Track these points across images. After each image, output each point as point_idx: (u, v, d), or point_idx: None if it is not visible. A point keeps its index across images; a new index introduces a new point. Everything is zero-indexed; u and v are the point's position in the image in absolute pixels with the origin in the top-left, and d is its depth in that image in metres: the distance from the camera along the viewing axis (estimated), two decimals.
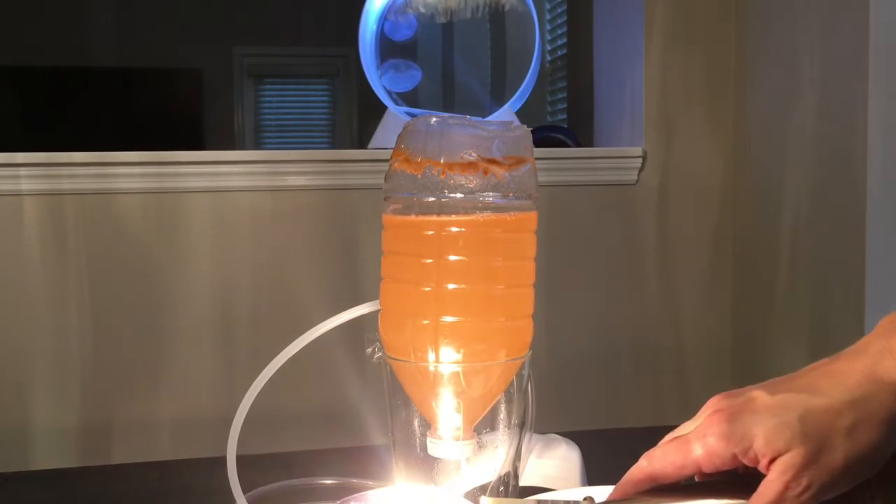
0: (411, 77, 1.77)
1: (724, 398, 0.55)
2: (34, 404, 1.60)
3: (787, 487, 0.50)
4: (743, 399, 0.54)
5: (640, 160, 1.81)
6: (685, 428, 0.56)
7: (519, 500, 0.60)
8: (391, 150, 0.67)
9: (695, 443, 0.53)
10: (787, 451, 0.50)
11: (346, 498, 0.61)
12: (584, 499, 0.59)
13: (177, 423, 1.64)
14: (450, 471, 0.67)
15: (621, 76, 1.93)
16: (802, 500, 0.50)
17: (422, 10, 1.78)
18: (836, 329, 1.52)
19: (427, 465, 0.67)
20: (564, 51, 2.93)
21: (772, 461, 0.51)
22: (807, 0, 1.59)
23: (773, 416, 0.51)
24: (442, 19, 1.80)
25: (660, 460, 0.55)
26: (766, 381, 0.55)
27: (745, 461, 0.52)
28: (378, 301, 0.69)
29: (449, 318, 0.63)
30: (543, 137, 2.00)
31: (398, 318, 0.66)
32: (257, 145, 5.43)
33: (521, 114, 1.88)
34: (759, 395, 0.53)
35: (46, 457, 1.59)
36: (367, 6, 1.78)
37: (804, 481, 0.50)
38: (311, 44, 5.26)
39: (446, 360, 0.64)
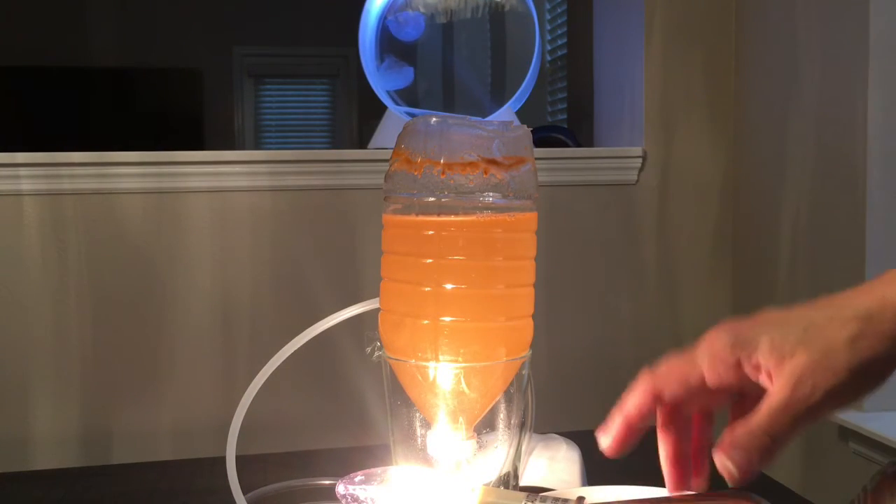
0: (403, 74, 1.77)
1: (724, 324, 0.56)
2: (34, 404, 1.60)
3: (794, 389, 0.50)
4: (744, 319, 0.55)
5: (640, 160, 1.81)
6: None
7: (510, 492, 0.60)
8: (391, 150, 0.67)
9: (699, 352, 0.54)
10: (791, 357, 0.51)
11: (352, 474, 0.62)
12: (577, 498, 0.59)
13: (177, 423, 1.64)
14: (450, 470, 0.67)
15: (621, 76, 1.93)
16: (810, 403, 0.50)
17: (422, 9, 1.78)
18: None
19: (427, 464, 0.67)
20: (564, 51, 2.93)
21: (775, 370, 0.51)
22: (807, 0, 1.59)
23: (778, 328, 0.52)
24: (442, 19, 1.80)
25: (664, 372, 0.55)
26: (768, 309, 0.56)
27: (748, 369, 0.52)
28: (376, 299, 0.69)
29: (449, 318, 0.63)
30: (543, 137, 2.00)
31: (398, 318, 0.66)
32: (257, 145, 5.43)
33: (521, 114, 1.88)
34: (763, 314, 0.54)
35: (46, 457, 1.59)
36: (367, 6, 1.78)
37: (810, 383, 0.50)
38: (311, 44, 5.26)
39: (446, 360, 0.64)
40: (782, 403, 0.51)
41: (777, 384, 0.51)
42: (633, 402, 0.57)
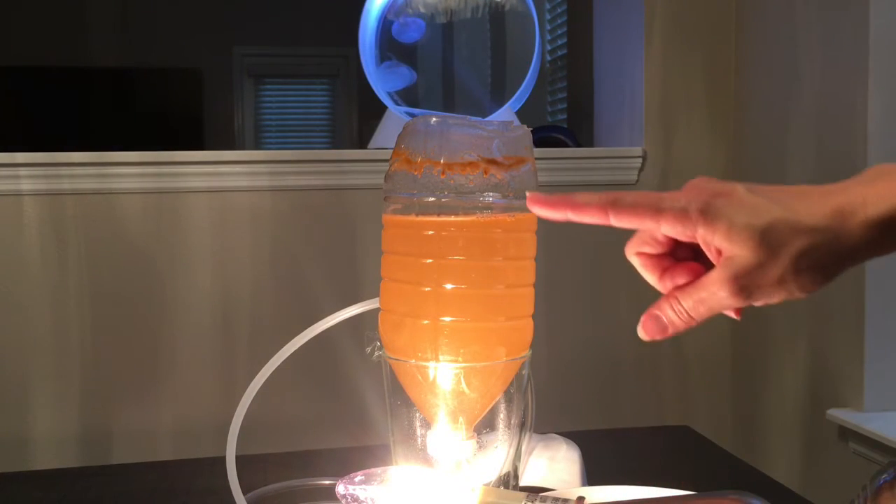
0: (403, 74, 1.77)
1: (706, 180, 0.58)
2: (34, 404, 1.60)
3: (727, 283, 0.55)
4: (722, 187, 0.57)
5: (640, 160, 1.81)
6: None
7: (510, 492, 0.60)
8: (391, 150, 0.67)
9: (666, 203, 0.56)
10: (740, 251, 0.54)
11: (352, 474, 0.62)
12: (577, 499, 0.59)
13: (177, 423, 1.64)
14: (450, 470, 0.67)
15: (621, 76, 1.93)
16: (736, 298, 0.55)
17: (422, 10, 1.78)
18: (835, 329, 1.52)
19: (427, 464, 0.67)
20: (564, 51, 2.93)
21: (721, 256, 0.55)
22: (807, 1, 1.59)
23: (744, 215, 0.55)
24: (442, 19, 1.80)
25: (625, 203, 0.57)
26: (746, 183, 0.58)
27: (702, 240, 0.56)
28: (376, 299, 0.69)
29: (449, 318, 0.63)
30: (543, 137, 2.00)
31: (398, 318, 0.66)
32: (257, 145, 5.43)
33: (521, 114, 1.88)
34: (738, 189, 0.56)
35: (46, 457, 1.60)
36: (367, 6, 1.78)
37: (742, 282, 0.54)
38: (311, 44, 5.26)
39: (446, 360, 0.64)
40: (712, 294, 0.55)
41: (716, 272, 0.55)
42: (583, 207, 0.58)
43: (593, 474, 0.88)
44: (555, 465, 0.86)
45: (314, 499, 0.89)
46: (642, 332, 0.60)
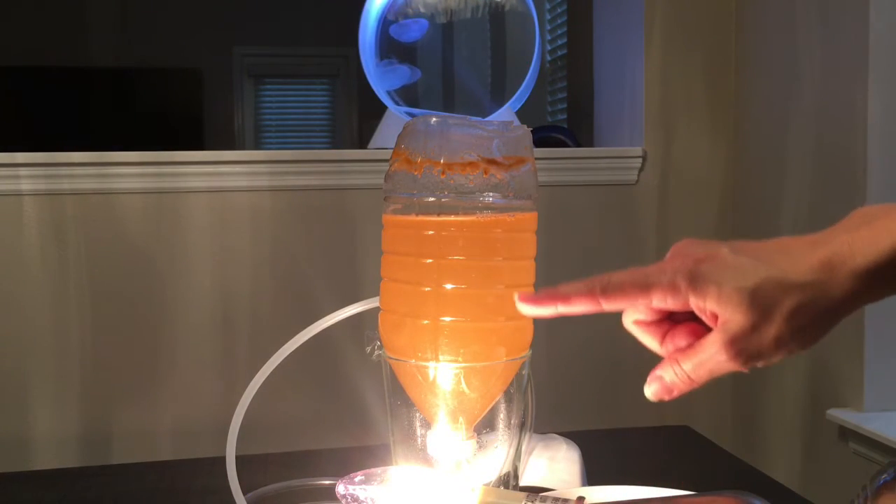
0: (401, 73, 1.77)
1: (689, 244, 0.58)
2: (34, 404, 1.60)
3: (724, 347, 0.54)
4: (706, 251, 0.56)
5: (640, 160, 1.81)
6: None
7: (510, 492, 0.60)
8: (391, 150, 0.67)
9: (654, 278, 0.56)
10: (731, 316, 0.54)
11: (352, 474, 0.62)
12: (577, 499, 0.59)
13: (177, 423, 1.64)
14: (450, 470, 0.67)
15: (621, 76, 1.93)
16: (735, 362, 0.55)
17: (422, 10, 1.78)
18: (835, 329, 1.52)
19: (427, 464, 0.67)
20: (564, 51, 2.93)
21: (716, 321, 0.55)
22: (807, 0, 1.59)
23: (731, 278, 0.54)
24: (442, 19, 1.80)
25: (614, 286, 0.57)
26: (730, 241, 0.58)
27: (695, 307, 0.56)
28: (375, 298, 0.69)
29: (449, 318, 0.63)
30: (543, 137, 2.00)
31: (398, 318, 0.66)
32: (257, 145, 5.43)
33: (521, 114, 1.88)
34: (722, 251, 0.56)
35: (46, 457, 1.59)
36: (367, 6, 1.78)
37: (739, 346, 0.54)
38: (311, 44, 5.26)
39: (446, 360, 0.64)
40: (711, 357, 0.55)
41: (713, 336, 0.55)
42: (573, 300, 0.59)
43: (593, 474, 0.88)
44: (555, 465, 0.86)
45: (314, 499, 0.89)
46: (649, 394, 0.60)
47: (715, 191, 1.85)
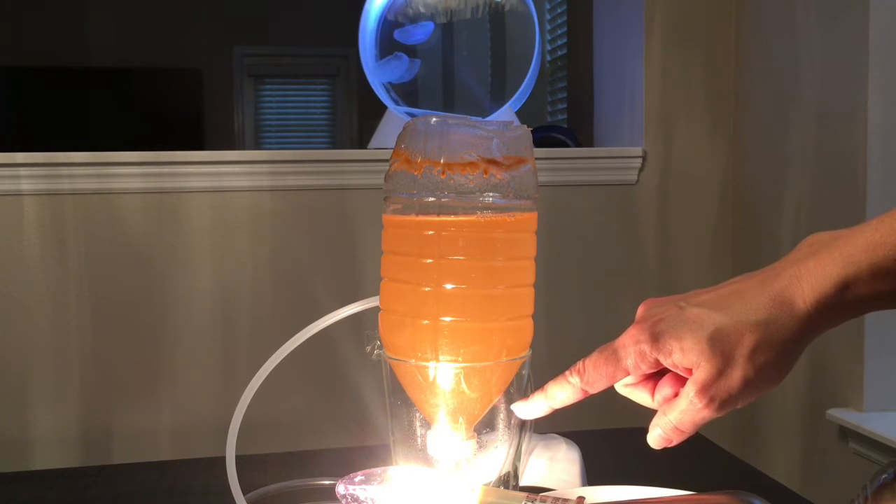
0: (400, 65, 1.76)
1: (649, 307, 0.62)
2: (34, 404, 1.60)
3: (696, 395, 0.57)
4: (663, 310, 0.60)
5: (640, 160, 1.81)
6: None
7: (510, 492, 0.60)
8: (391, 150, 0.67)
9: (622, 351, 0.60)
10: (697, 366, 0.57)
11: (352, 474, 0.62)
12: (577, 498, 0.59)
13: (177, 423, 1.64)
14: (450, 470, 0.67)
15: (621, 76, 1.93)
16: (710, 409, 0.58)
17: (422, 10, 1.78)
18: (835, 329, 1.52)
19: (427, 465, 0.67)
20: (564, 51, 2.93)
21: (686, 374, 0.58)
22: (807, 0, 1.59)
23: (688, 331, 0.57)
24: (442, 19, 1.80)
25: (591, 373, 0.62)
26: (686, 294, 0.61)
27: (667, 365, 0.59)
28: (375, 297, 0.69)
29: (449, 318, 0.63)
30: (543, 137, 2.00)
31: (398, 318, 0.66)
32: (257, 145, 5.43)
33: (521, 114, 1.88)
34: (679, 308, 0.59)
35: (46, 457, 1.60)
36: (367, 6, 1.78)
37: (709, 394, 0.57)
38: (311, 44, 5.26)
39: (446, 360, 0.64)
40: (688, 407, 0.58)
41: (686, 387, 0.58)
42: (560, 397, 0.64)
43: (593, 474, 0.88)
44: (555, 465, 0.86)
45: (314, 499, 0.89)
46: (651, 443, 0.62)
47: (715, 191, 1.85)
